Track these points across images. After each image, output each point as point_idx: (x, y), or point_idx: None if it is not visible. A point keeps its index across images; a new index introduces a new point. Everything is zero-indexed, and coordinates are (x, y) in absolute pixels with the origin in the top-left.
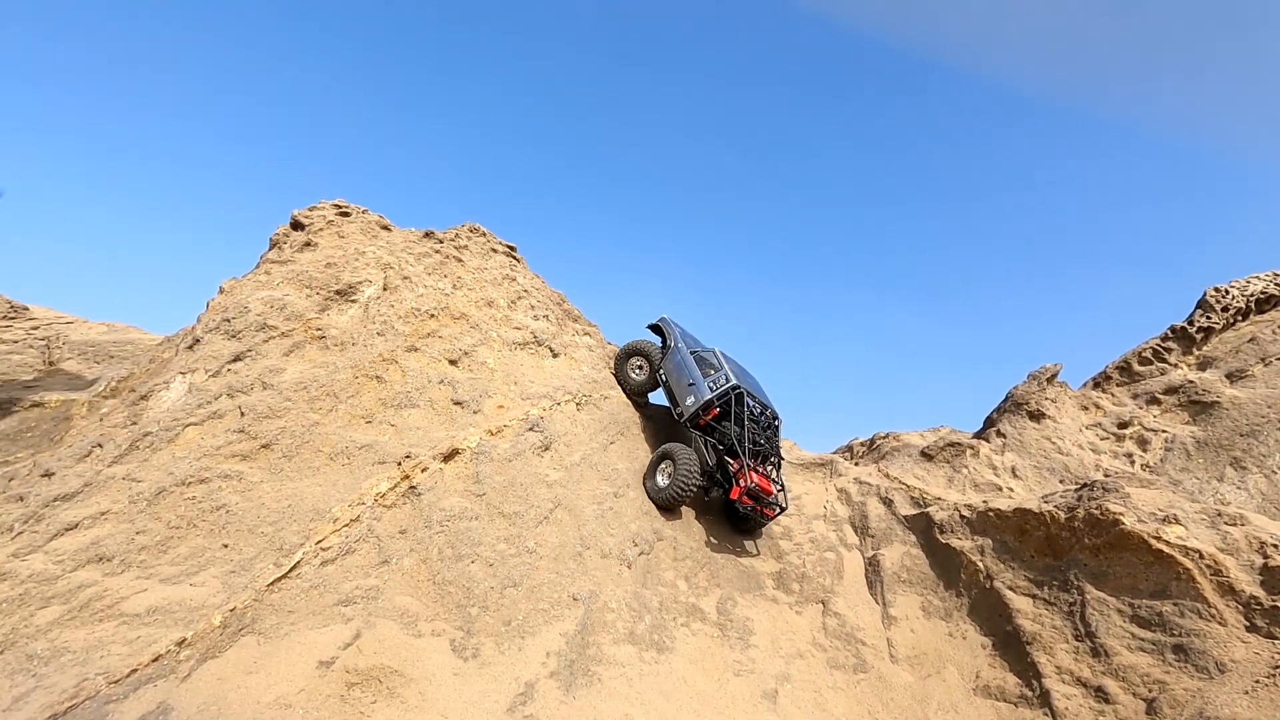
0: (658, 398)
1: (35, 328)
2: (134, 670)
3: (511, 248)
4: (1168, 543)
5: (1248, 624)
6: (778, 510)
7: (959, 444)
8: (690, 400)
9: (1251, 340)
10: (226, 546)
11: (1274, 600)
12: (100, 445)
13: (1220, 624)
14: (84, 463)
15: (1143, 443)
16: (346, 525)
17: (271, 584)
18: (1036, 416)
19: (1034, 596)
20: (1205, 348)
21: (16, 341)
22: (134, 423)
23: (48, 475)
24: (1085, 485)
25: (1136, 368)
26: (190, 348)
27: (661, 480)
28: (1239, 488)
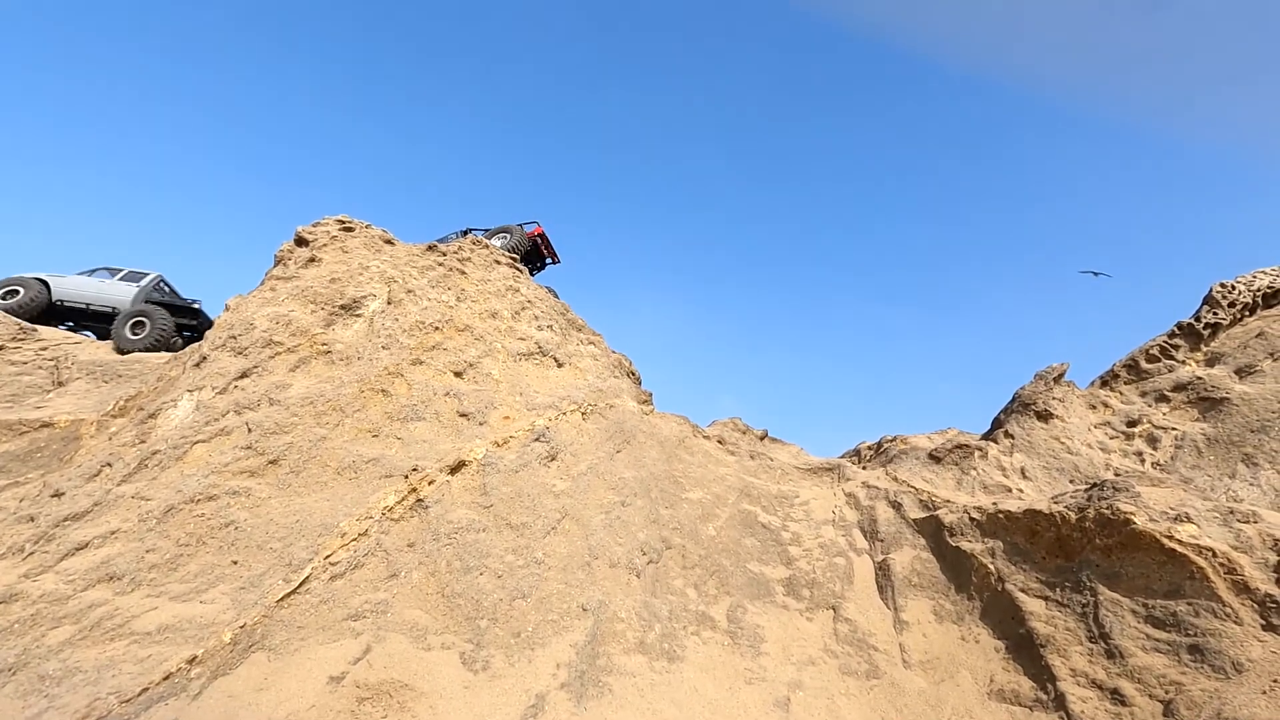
0: (664, 405)
1: (44, 348)
2: (145, 689)
3: (514, 258)
4: (1180, 541)
5: (1263, 622)
6: None
7: (967, 446)
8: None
9: (1260, 335)
10: (236, 563)
11: None
12: (109, 464)
13: (1236, 623)
14: (93, 482)
15: (1153, 441)
16: (355, 539)
17: (281, 600)
18: (1044, 416)
19: (1046, 598)
20: (1213, 344)
21: (25, 362)
22: (142, 441)
23: (58, 495)
24: (1095, 485)
25: (1144, 365)
26: (197, 365)
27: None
28: (1251, 484)
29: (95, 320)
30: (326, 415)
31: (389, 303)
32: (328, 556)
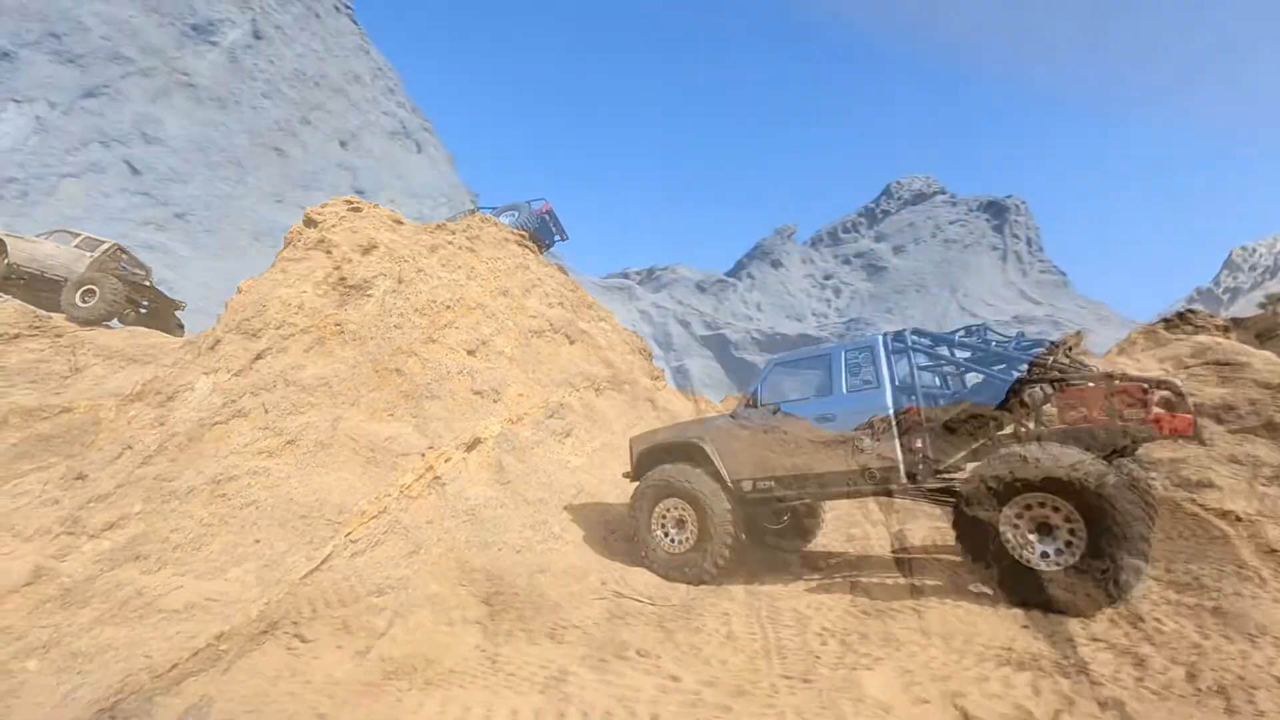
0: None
1: (59, 335)
2: (175, 665)
3: (523, 237)
4: (1203, 506)
5: None
6: None
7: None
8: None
9: None
10: (258, 542)
11: None
12: (130, 447)
13: (1259, 585)
14: (115, 464)
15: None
16: (374, 517)
17: (304, 577)
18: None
19: None
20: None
21: (43, 350)
22: (161, 424)
23: (81, 478)
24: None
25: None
26: (212, 348)
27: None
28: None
29: (45, 286)
30: (342, 395)
31: (400, 282)
32: (348, 534)
